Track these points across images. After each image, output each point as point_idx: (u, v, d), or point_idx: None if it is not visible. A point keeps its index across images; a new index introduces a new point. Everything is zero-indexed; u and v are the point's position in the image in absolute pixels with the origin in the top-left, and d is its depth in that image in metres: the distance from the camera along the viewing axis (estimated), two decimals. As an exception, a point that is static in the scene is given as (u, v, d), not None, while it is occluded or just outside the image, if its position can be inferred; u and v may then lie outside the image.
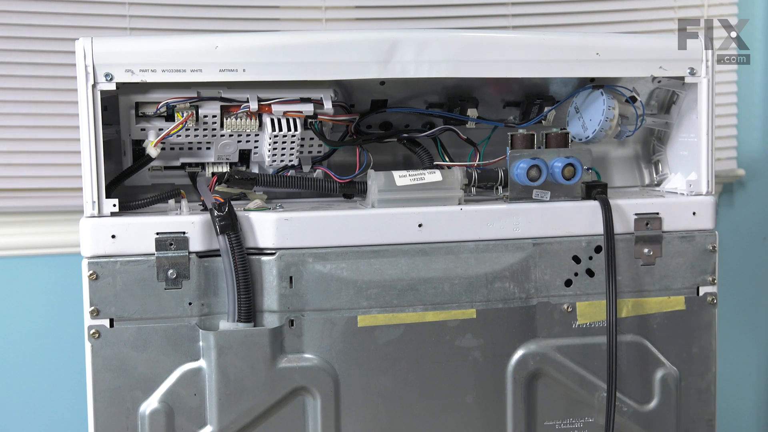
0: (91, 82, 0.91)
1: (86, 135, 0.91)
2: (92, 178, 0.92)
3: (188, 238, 0.93)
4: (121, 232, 0.92)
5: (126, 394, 0.93)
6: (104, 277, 0.92)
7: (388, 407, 0.99)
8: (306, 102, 0.99)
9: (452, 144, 1.09)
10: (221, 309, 0.95)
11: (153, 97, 0.96)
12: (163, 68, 0.92)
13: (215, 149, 1.01)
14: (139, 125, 0.98)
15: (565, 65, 1.00)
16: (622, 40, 1.02)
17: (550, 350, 1.02)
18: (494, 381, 1.01)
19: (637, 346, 1.04)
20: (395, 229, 0.96)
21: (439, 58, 0.97)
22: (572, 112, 1.08)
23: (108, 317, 0.92)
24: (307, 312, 0.96)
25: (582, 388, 1.03)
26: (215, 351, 0.93)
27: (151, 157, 0.97)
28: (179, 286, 0.93)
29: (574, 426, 1.03)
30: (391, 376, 0.98)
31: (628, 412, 1.04)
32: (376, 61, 0.96)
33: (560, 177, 0.99)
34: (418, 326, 0.98)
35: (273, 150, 1.01)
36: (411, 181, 0.99)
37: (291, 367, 0.96)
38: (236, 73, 0.93)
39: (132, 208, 0.97)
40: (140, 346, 0.93)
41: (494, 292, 1.00)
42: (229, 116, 0.98)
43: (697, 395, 1.06)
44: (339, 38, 0.96)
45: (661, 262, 1.04)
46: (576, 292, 1.02)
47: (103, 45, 0.91)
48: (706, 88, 1.04)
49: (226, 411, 0.94)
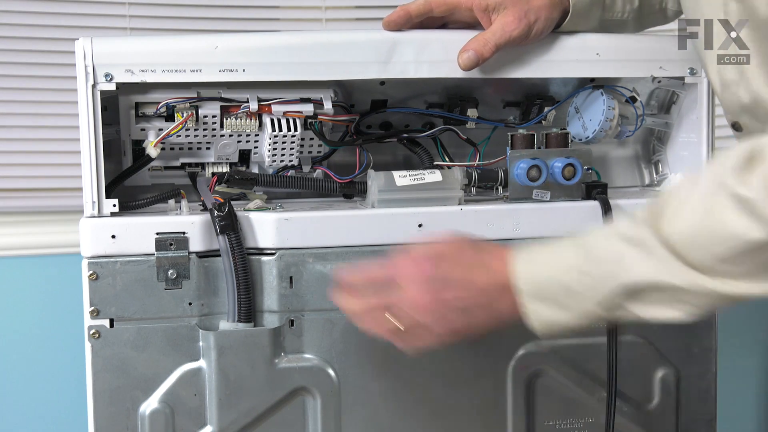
0: (91, 83, 0.91)
1: (86, 135, 0.91)
2: (92, 178, 0.92)
3: (188, 238, 0.93)
4: (121, 233, 0.92)
5: (126, 394, 0.93)
6: (104, 277, 0.92)
7: (388, 407, 0.99)
8: (306, 102, 0.99)
9: (452, 144, 1.09)
10: (221, 309, 0.95)
11: (153, 97, 0.96)
12: (163, 68, 0.92)
13: (215, 149, 1.01)
14: (139, 125, 0.98)
15: (565, 65, 1.00)
16: (622, 41, 1.02)
17: (550, 350, 1.02)
18: (494, 381, 1.01)
19: (637, 346, 1.04)
20: (395, 229, 0.96)
21: (439, 58, 0.97)
22: (572, 113, 1.08)
23: (108, 317, 0.92)
24: (307, 312, 0.96)
25: (582, 388, 1.03)
26: (215, 351, 0.93)
27: (151, 157, 0.97)
28: (179, 286, 0.93)
29: (574, 426, 1.03)
30: (391, 376, 0.98)
31: (629, 412, 1.04)
32: (376, 62, 0.96)
33: (560, 177, 0.99)
34: (418, 326, 0.98)
35: (273, 150, 1.01)
36: (411, 181, 0.99)
37: (291, 367, 0.96)
38: (236, 73, 0.93)
39: (132, 208, 0.97)
40: (140, 346, 0.93)
41: (494, 292, 0.99)
42: (229, 116, 0.98)
43: (697, 395, 1.06)
44: (339, 38, 0.96)
45: (661, 262, 1.03)
46: (576, 292, 1.02)
47: (103, 45, 0.91)
48: (706, 88, 1.04)
49: (226, 411, 0.94)
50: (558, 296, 0.80)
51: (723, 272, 0.75)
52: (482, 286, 0.84)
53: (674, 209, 0.77)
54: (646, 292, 0.77)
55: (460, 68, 0.95)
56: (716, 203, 0.74)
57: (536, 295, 0.81)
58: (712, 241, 0.74)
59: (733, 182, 0.73)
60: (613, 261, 0.78)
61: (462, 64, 0.94)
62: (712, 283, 0.75)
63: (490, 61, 0.96)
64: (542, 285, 0.81)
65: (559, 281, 0.80)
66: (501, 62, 0.98)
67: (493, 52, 0.94)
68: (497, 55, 0.96)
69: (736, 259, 0.74)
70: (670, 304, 0.77)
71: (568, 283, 0.80)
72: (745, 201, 0.72)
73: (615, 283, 0.78)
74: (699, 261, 0.75)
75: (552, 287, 0.81)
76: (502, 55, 0.97)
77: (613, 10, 1.04)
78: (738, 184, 0.73)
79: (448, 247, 0.87)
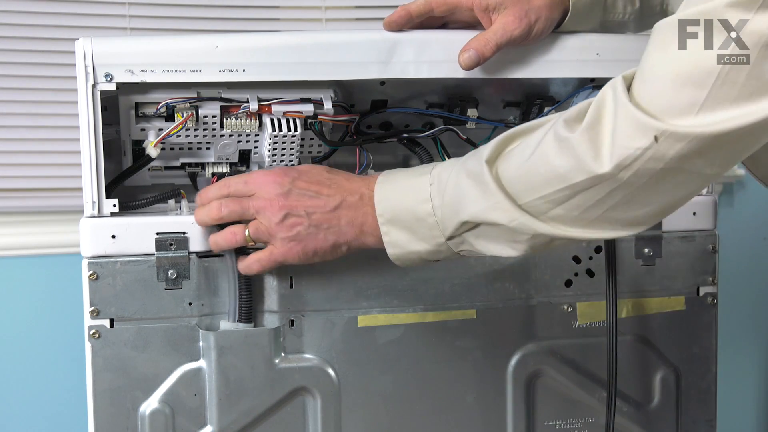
0: (91, 83, 0.91)
1: (86, 135, 0.91)
2: (92, 178, 0.92)
3: (188, 239, 0.93)
4: (121, 233, 0.92)
5: (126, 394, 0.93)
6: (104, 277, 0.92)
7: (388, 407, 0.99)
8: (306, 102, 0.99)
9: (452, 144, 1.09)
10: (221, 309, 0.95)
11: (153, 97, 0.96)
12: (163, 68, 0.92)
13: (215, 149, 1.01)
14: (139, 125, 0.98)
15: (566, 66, 1.00)
16: (623, 41, 1.02)
17: (550, 350, 1.02)
18: (494, 381, 1.01)
19: (637, 346, 1.04)
20: (395, 229, 0.96)
21: (440, 58, 0.97)
22: (572, 112, 1.08)
23: (108, 317, 0.92)
24: (307, 312, 0.96)
25: (582, 388, 1.03)
26: (215, 351, 0.93)
27: (151, 157, 0.97)
28: (179, 286, 0.93)
29: (574, 426, 1.03)
30: (392, 376, 0.98)
31: (629, 413, 1.04)
32: (376, 62, 0.96)
33: (560, 177, 0.99)
34: (418, 326, 0.98)
35: (273, 150, 1.01)
36: (411, 182, 0.99)
37: (291, 367, 0.96)
38: (236, 73, 0.93)
39: (132, 208, 0.97)
40: (140, 347, 0.93)
41: (494, 293, 1.00)
42: (229, 116, 0.98)
43: (697, 395, 1.06)
44: (339, 38, 0.96)
45: (661, 263, 1.04)
46: (576, 292, 1.02)
47: (103, 45, 0.91)
48: (706, 88, 1.04)
49: (226, 411, 0.94)
50: (413, 226, 0.85)
51: (554, 216, 0.78)
52: (336, 203, 0.88)
53: (511, 149, 0.81)
54: (482, 228, 0.81)
55: (461, 68, 0.95)
56: (542, 144, 0.77)
57: (392, 221, 0.86)
58: (539, 182, 0.77)
59: (560, 126, 0.76)
60: (458, 196, 0.82)
61: (463, 64, 0.94)
62: (543, 227, 0.78)
63: (490, 61, 0.96)
64: (398, 214, 0.86)
65: (414, 212, 0.84)
66: (501, 62, 0.98)
67: (494, 51, 0.94)
68: (497, 55, 0.96)
69: (563, 202, 0.77)
70: (504, 242, 0.81)
71: (421, 215, 0.84)
72: (565, 140, 0.75)
73: (457, 219, 0.82)
74: (529, 203, 0.78)
75: (407, 217, 0.85)
76: (503, 55, 0.97)
77: (614, 11, 1.04)
78: (563, 127, 0.76)
79: (311, 167, 0.93)
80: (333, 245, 0.89)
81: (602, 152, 0.73)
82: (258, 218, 0.89)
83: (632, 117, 0.71)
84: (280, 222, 0.88)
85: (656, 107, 0.71)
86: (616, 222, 0.78)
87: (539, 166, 0.77)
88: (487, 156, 0.81)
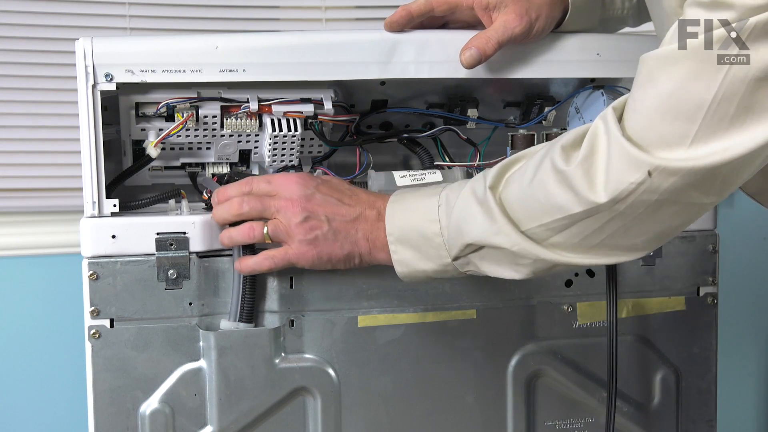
0: (91, 83, 0.91)
1: (86, 135, 0.91)
2: (92, 178, 0.92)
3: (188, 239, 0.93)
4: (122, 233, 0.92)
5: (126, 394, 0.93)
6: (104, 277, 0.92)
7: (388, 407, 0.99)
8: (306, 102, 0.99)
9: (452, 144, 1.09)
10: (221, 309, 0.95)
11: (153, 97, 0.96)
12: (163, 68, 0.92)
13: (215, 149, 1.01)
14: (139, 125, 0.98)
15: (566, 66, 1.00)
16: (623, 41, 1.02)
17: (550, 351, 1.02)
18: (494, 381, 1.01)
19: (637, 346, 1.04)
20: (395, 229, 0.96)
21: (440, 58, 0.97)
22: (573, 113, 1.08)
23: (108, 317, 0.92)
24: (307, 312, 0.96)
25: (582, 388, 1.03)
26: (216, 351, 0.93)
27: (151, 158, 0.97)
28: (179, 286, 0.93)
29: (574, 426, 1.03)
30: (392, 376, 0.98)
31: (629, 413, 1.04)
32: (377, 62, 0.96)
33: (560, 177, 0.99)
34: (418, 326, 0.98)
35: (273, 150, 1.01)
36: (411, 182, 0.99)
37: (291, 367, 0.96)
38: (236, 73, 0.93)
39: (132, 208, 0.97)
40: (140, 347, 0.93)
41: (494, 293, 1.00)
42: (229, 116, 0.98)
43: (697, 395, 1.06)
44: (339, 38, 0.96)
45: (661, 263, 1.04)
46: (576, 292, 1.02)
47: (103, 45, 0.91)
48: (706, 88, 1.04)
49: (227, 411, 0.94)
50: (420, 245, 0.86)
51: (555, 243, 0.79)
52: (355, 215, 0.89)
53: (512, 173, 0.83)
54: (486, 250, 0.83)
55: (463, 66, 0.95)
56: (541, 171, 0.78)
57: (401, 240, 0.87)
58: (539, 211, 0.79)
59: (557, 155, 0.77)
60: (464, 219, 0.83)
61: (464, 62, 0.94)
62: (544, 252, 0.80)
63: (490, 61, 0.96)
64: (407, 233, 0.87)
65: (422, 232, 0.86)
66: (501, 62, 0.98)
67: (496, 49, 0.94)
68: (498, 55, 0.96)
69: (562, 230, 0.78)
70: (508, 264, 0.83)
71: (429, 235, 0.85)
72: (562, 172, 0.76)
73: (462, 240, 0.83)
74: (531, 230, 0.80)
75: (415, 237, 0.86)
76: (503, 55, 0.97)
77: (612, 7, 1.04)
78: (559, 157, 0.76)
79: (333, 177, 0.95)
80: (347, 255, 0.90)
81: (597, 185, 0.74)
82: (278, 217, 0.89)
83: (625, 152, 0.72)
84: (300, 223, 0.88)
85: (648, 141, 0.72)
86: (616, 248, 0.79)
87: (538, 194, 0.78)
88: (490, 182, 0.82)
